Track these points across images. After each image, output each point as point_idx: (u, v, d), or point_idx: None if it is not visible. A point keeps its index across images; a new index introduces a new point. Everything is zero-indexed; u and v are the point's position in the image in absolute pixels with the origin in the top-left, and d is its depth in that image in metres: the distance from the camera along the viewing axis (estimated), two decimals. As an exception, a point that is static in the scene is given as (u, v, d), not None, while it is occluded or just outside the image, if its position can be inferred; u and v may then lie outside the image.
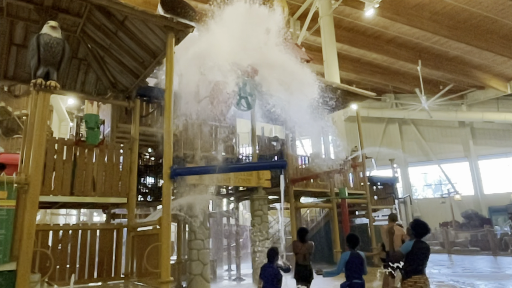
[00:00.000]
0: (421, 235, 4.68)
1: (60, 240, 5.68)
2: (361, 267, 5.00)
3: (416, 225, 4.75)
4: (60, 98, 15.79)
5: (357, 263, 4.97)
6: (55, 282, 4.99)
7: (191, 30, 5.13)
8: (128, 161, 6.14)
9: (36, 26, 5.31)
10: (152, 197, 9.68)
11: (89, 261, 5.77)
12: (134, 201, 6.07)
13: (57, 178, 5.43)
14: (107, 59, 6.35)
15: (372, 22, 19.96)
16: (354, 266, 4.97)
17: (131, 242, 5.69)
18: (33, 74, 4.06)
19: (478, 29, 20.11)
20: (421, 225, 4.72)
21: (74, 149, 5.73)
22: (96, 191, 5.73)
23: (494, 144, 27.73)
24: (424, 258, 4.64)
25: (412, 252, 4.64)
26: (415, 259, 4.63)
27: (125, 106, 6.99)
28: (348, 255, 5.02)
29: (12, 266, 3.52)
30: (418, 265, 4.60)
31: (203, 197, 8.35)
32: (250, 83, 6.13)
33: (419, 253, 4.64)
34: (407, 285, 4.57)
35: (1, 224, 3.51)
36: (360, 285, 4.93)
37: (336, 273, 5.12)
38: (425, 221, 4.79)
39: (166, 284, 4.36)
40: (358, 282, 4.90)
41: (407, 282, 4.58)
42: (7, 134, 14.07)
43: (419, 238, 4.68)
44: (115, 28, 5.50)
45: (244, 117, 10.63)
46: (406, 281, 4.60)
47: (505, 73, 24.23)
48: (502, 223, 23.50)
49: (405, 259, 4.75)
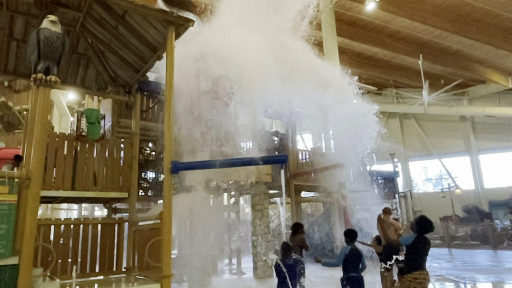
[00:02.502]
0: (425, 232, 4.71)
1: (62, 235, 5.71)
2: (359, 262, 5.15)
3: (422, 221, 4.76)
4: (60, 93, 15.79)
5: (355, 257, 5.14)
6: (57, 276, 5.02)
7: (191, 24, 5.11)
8: (129, 156, 6.14)
9: (36, 21, 5.29)
10: (153, 191, 9.72)
11: (91, 255, 5.80)
12: (135, 195, 6.09)
13: (58, 173, 5.44)
14: (107, 53, 6.33)
15: (373, 16, 19.85)
16: (352, 261, 5.13)
17: (132, 236, 5.71)
18: (33, 69, 4.05)
19: (480, 23, 19.98)
20: (427, 222, 4.74)
21: (75, 144, 5.73)
22: (97, 186, 5.74)
23: (495, 139, 27.69)
24: (424, 253, 4.67)
25: (413, 247, 4.66)
26: (416, 254, 4.65)
27: (126, 101, 6.98)
28: (348, 249, 5.18)
29: (15, 260, 3.54)
30: (419, 261, 4.62)
31: (203, 193, 8.39)
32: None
33: (420, 249, 4.66)
34: (407, 281, 4.59)
35: (3, 219, 3.53)
36: (357, 278, 5.08)
37: (335, 264, 5.28)
38: (430, 219, 4.80)
39: (167, 278, 4.38)
40: (355, 276, 5.05)
41: (407, 278, 4.60)
42: (8, 129, 14.08)
43: (421, 234, 4.70)
44: (115, 23, 5.48)
45: (245, 112, 10.63)
46: (406, 276, 4.62)
47: (507, 67, 24.13)
48: (503, 217, 23.54)
49: (406, 254, 4.78)
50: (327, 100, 10.42)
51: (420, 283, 4.51)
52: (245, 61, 8.68)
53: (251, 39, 8.70)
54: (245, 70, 8.68)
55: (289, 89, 9.16)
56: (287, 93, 9.08)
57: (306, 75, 9.83)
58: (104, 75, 6.71)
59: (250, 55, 8.59)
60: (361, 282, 5.07)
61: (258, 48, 8.72)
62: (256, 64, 8.61)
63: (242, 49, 8.64)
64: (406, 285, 4.56)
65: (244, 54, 8.60)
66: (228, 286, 9.68)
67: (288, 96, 9.20)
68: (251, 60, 8.61)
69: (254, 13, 8.95)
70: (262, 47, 8.79)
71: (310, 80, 9.90)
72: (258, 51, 8.72)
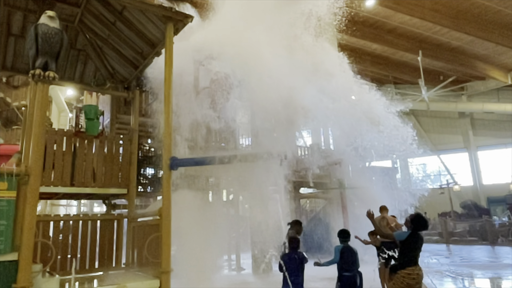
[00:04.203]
0: (419, 230, 4.77)
1: (61, 231, 5.71)
2: (353, 260, 5.29)
3: (418, 219, 4.81)
4: (59, 89, 15.75)
5: (349, 255, 5.28)
6: (57, 272, 5.03)
7: (190, 20, 5.09)
8: (128, 152, 6.14)
9: (34, 16, 5.26)
10: (152, 187, 9.72)
11: (90, 251, 5.81)
12: (134, 191, 6.09)
13: (57, 169, 5.43)
14: (106, 49, 6.31)
15: (372, 12, 19.79)
16: (346, 259, 5.26)
17: (131, 232, 5.72)
18: (31, 65, 4.03)
19: (479, 19, 19.94)
20: (422, 220, 4.80)
21: (73, 140, 5.72)
22: (96, 182, 5.73)
23: (494, 135, 27.74)
24: (418, 249, 4.75)
25: (406, 243, 4.73)
26: (409, 250, 4.72)
27: (124, 97, 6.96)
28: (341, 247, 5.39)
29: (14, 256, 3.54)
30: (412, 257, 4.70)
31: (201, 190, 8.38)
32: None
33: (413, 245, 4.73)
34: (401, 276, 4.63)
35: (2, 215, 3.53)
36: (349, 277, 5.19)
37: (334, 261, 5.40)
38: (426, 217, 4.85)
39: (166, 273, 4.39)
40: (347, 275, 5.16)
41: (400, 273, 4.65)
42: (6, 125, 14.06)
43: (415, 232, 4.75)
44: (113, 18, 5.46)
45: (243, 108, 10.62)
46: (400, 272, 4.67)
47: (506, 64, 24.12)
48: (501, 213, 23.64)
49: (400, 250, 4.85)
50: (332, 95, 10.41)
51: (414, 278, 4.55)
52: (247, 56, 8.61)
53: (253, 33, 8.63)
54: (247, 64, 8.62)
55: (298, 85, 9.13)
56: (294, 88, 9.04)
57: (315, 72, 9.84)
58: (103, 71, 6.69)
59: (252, 49, 8.53)
60: (355, 280, 5.18)
61: (261, 43, 8.65)
62: (260, 58, 8.53)
63: (244, 43, 8.57)
64: (400, 280, 4.60)
65: (246, 48, 8.54)
66: (227, 282, 9.71)
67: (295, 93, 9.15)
68: (255, 54, 8.53)
69: (256, 7, 8.87)
70: (266, 42, 8.73)
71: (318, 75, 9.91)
72: (262, 45, 8.65)
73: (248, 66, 8.39)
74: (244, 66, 8.38)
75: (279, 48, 9.29)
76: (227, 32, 8.76)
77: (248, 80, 8.70)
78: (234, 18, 8.94)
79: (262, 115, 9.78)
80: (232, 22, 8.89)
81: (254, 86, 8.84)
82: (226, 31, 8.78)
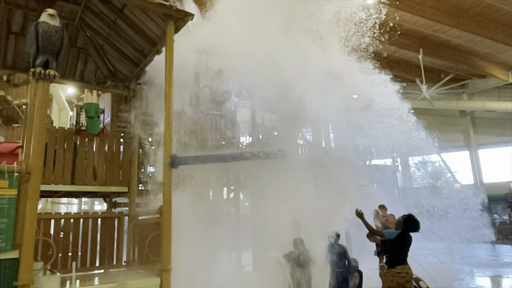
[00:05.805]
0: (410, 230, 4.84)
1: (62, 229, 5.73)
2: (343, 258, 5.73)
3: (410, 221, 4.86)
4: (59, 87, 15.73)
5: (340, 253, 5.76)
6: (58, 269, 5.04)
7: (190, 18, 5.08)
8: (129, 150, 6.14)
9: (34, 14, 5.26)
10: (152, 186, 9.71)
11: (91, 249, 5.83)
12: (135, 190, 6.10)
13: (58, 167, 5.44)
14: (106, 47, 6.30)
15: (373, 9, 19.71)
16: (337, 257, 5.75)
17: (132, 230, 5.73)
18: (32, 63, 4.03)
19: (481, 17, 19.89)
20: (414, 222, 4.85)
21: (74, 138, 5.73)
22: (97, 180, 5.75)
23: (495, 133, 27.70)
24: (406, 248, 4.86)
25: (396, 243, 4.82)
26: (399, 249, 4.85)
27: (125, 95, 6.96)
28: (331, 245, 5.93)
29: (15, 254, 3.55)
30: (401, 256, 4.82)
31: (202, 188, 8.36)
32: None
33: (402, 245, 4.83)
34: (390, 275, 4.73)
35: (3, 213, 3.54)
36: (342, 273, 5.68)
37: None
38: (418, 220, 4.87)
39: (167, 271, 4.41)
40: (340, 271, 5.53)
41: (390, 272, 4.75)
42: (7, 123, 14.07)
43: (406, 232, 4.82)
44: (114, 16, 5.45)
45: (244, 106, 10.58)
46: (389, 271, 4.77)
47: (507, 62, 24.07)
48: (501, 212, 23.63)
49: (390, 249, 4.91)
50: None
51: (403, 277, 4.66)
52: (249, 54, 8.54)
53: (254, 31, 8.54)
54: (249, 62, 8.56)
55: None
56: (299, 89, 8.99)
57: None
58: (103, 69, 6.69)
59: (254, 47, 8.45)
60: (346, 276, 5.61)
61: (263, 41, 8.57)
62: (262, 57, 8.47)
63: (246, 41, 8.50)
64: (390, 279, 4.70)
65: (248, 46, 8.46)
66: (227, 280, 9.69)
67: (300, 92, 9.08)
68: (257, 52, 8.46)
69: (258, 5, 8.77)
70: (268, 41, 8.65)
71: None
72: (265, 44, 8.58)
73: (253, 62, 8.32)
74: (250, 62, 8.32)
75: (282, 42, 9.23)
76: (232, 28, 8.69)
77: (252, 76, 8.64)
78: (242, 14, 8.85)
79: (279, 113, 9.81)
80: (240, 17, 8.80)
81: (259, 82, 8.77)
82: (232, 26, 8.70)
